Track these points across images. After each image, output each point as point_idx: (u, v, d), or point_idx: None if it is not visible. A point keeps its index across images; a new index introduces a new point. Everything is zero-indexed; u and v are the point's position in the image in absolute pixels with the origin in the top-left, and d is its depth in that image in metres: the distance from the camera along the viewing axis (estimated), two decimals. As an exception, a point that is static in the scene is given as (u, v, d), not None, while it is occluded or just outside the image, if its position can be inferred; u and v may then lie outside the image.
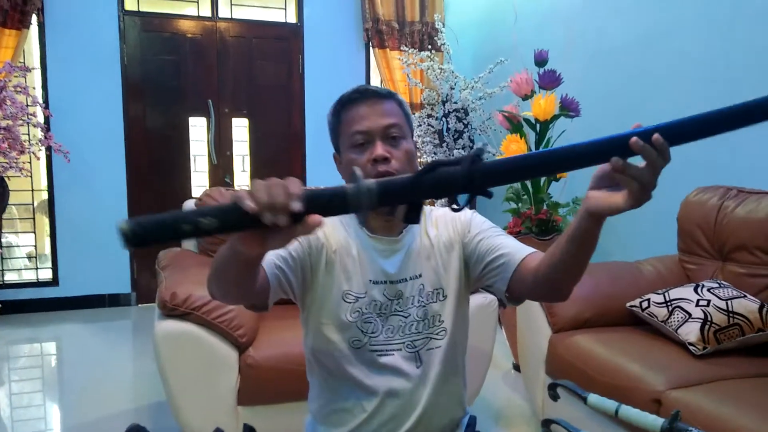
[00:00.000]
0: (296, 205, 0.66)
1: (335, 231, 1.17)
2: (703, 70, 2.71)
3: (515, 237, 3.12)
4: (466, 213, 1.22)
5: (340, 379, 1.15)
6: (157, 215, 0.66)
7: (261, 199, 0.65)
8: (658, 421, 0.92)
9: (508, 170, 0.73)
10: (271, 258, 1.07)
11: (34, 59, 4.24)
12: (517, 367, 2.91)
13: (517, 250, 1.11)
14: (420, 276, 1.15)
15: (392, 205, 0.79)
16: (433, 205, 2.38)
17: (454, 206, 0.75)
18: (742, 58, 2.52)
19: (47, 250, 4.43)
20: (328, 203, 0.68)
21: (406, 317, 1.14)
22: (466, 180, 0.69)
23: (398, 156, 1.10)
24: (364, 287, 1.13)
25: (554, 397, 1.10)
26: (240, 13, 4.73)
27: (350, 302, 1.13)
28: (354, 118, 1.12)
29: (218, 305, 1.95)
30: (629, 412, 0.96)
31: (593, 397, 1.00)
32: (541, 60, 3.05)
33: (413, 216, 0.76)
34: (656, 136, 0.72)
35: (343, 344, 1.13)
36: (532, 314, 2.25)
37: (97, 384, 2.96)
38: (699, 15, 2.73)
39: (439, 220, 1.21)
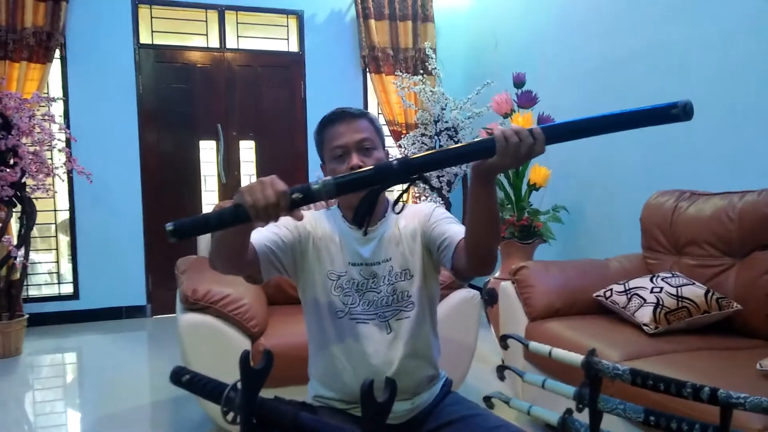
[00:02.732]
0: (283, 203, 0.95)
1: (321, 223, 1.44)
2: (665, 90, 3.02)
3: (500, 242, 3.38)
4: (429, 206, 1.46)
5: (328, 344, 1.39)
6: (188, 218, 1.00)
7: (258, 203, 0.95)
8: (579, 357, 1.15)
9: (427, 161, 1.00)
10: (262, 240, 1.32)
11: (56, 90, 4.56)
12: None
13: (457, 232, 1.31)
14: (390, 259, 1.39)
15: (348, 193, 1.05)
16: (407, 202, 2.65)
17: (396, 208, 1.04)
18: (703, 81, 2.83)
19: (68, 266, 4.70)
20: (306, 192, 0.97)
21: (378, 293, 1.38)
22: (401, 167, 0.98)
23: (370, 164, 1.32)
24: (345, 268, 1.39)
25: (504, 346, 1.36)
26: (246, 44, 5.03)
27: (333, 280, 1.38)
28: (333, 135, 1.37)
29: (234, 299, 2.23)
30: (558, 353, 1.22)
31: (532, 344, 1.26)
32: (519, 82, 3.36)
33: (364, 208, 1.06)
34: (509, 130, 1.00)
35: (328, 314, 1.38)
36: (511, 306, 2.52)
37: (116, 386, 3.15)
38: (661, 41, 3.05)
39: (409, 214, 1.46)
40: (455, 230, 1.33)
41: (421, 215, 1.44)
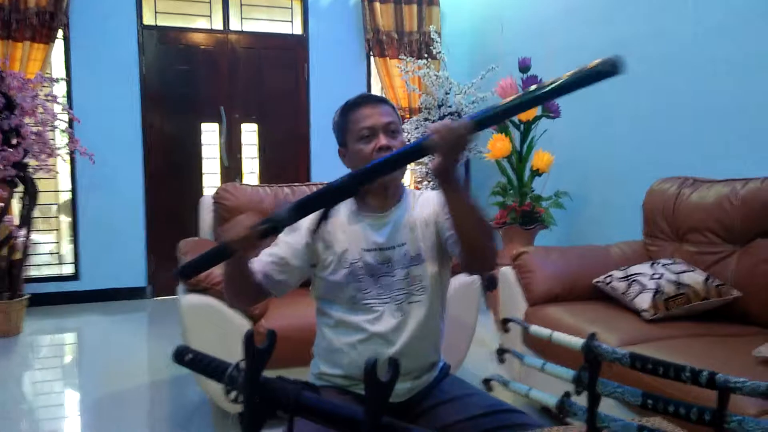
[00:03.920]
0: (253, 235, 1.14)
1: (331, 213, 1.44)
2: (670, 74, 3.01)
3: (502, 227, 3.42)
4: (442, 196, 1.49)
5: (337, 324, 1.41)
6: (190, 260, 1.26)
7: (234, 239, 1.18)
8: (580, 341, 1.15)
9: (375, 168, 1.11)
10: (261, 269, 1.40)
11: (59, 71, 4.55)
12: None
13: None
14: (404, 244, 1.41)
15: (305, 215, 1.18)
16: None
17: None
18: (706, 62, 2.82)
19: (69, 246, 4.72)
20: (270, 223, 1.12)
21: (393, 277, 1.39)
22: (351, 181, 1.09)
23: (397, 146, 1.38)
24: (359, 254, 1.40)
25: (505, 330, 1.37)
26: (249, 26, 5.01)
27: (346, 267, 1.40)
28: (359, 117, 1.40)
29: (235, 281, 2.24)
30: (559, 336, 1.22)
31: (533, 328, 1.27)
32: (524, 66, 3.35)
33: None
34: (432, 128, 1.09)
35: (339, 297, 1.41)
36: (511, 291, 2.53)
37: (116, 366, 3.16)
38: (666, 26, 3.03)
39: (424, 201, 1.47)
40: None
41: (435, 203, 1.45)
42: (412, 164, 4.54)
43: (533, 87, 1.00)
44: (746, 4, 2.61)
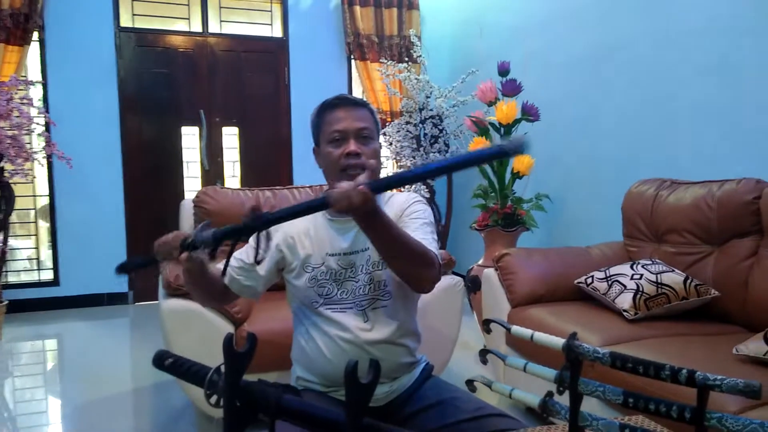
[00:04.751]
0: (176, 254, 1.17)
1: (296, 221, 1.43)
2: (648, 77, 3.05)
3: (484, 230, 3.42)
4: (409, 198, 1.47)
5: (307, 331, 1.41)
6: (132, 258, 1.30)
7: (157, 248, 1.20)
8: (560, 341, 1.16)
9: (281, 215, 1.10)
10: (231, 274, 1.42)
11: (35, 74, 4.47)
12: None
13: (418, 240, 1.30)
14: (367, 249, 1.39)
15: (222, 243, 1.15)
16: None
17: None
18: (684, 65, 2.86)
19: (48, 252, 4.65)
20: (188, 243, 1.15)
21: (356, 282, 1.38)
22: (259, 221, 1.08)
23: (368, 153, 1.37)
24: (322, 259, 1.40)
25: (487, 330, 1.37)
26: (229, 29, 4.98)
27: (309, 272, 1.40)
28: (333, 119, 1.38)
29: (216, 285, 2.22)
30: (540, 336, 1.23)
31: (515, 328, 1.28)
32: (503, 70, 3.37)
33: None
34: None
35: (306, 303, 1.41)
36: (494, 293, 2.54)
37: (97, 373, 3.12)
38: (643, 29, 3.07)
39: (391, 204, 1.46)
40: (418, 237, 1.31)
41: (401, 205, 1.45)
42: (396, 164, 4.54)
43: (434, 164, 1.04)
44: (725, 8, 2.65)
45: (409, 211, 1.43)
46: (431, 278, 1.30)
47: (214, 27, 4.92)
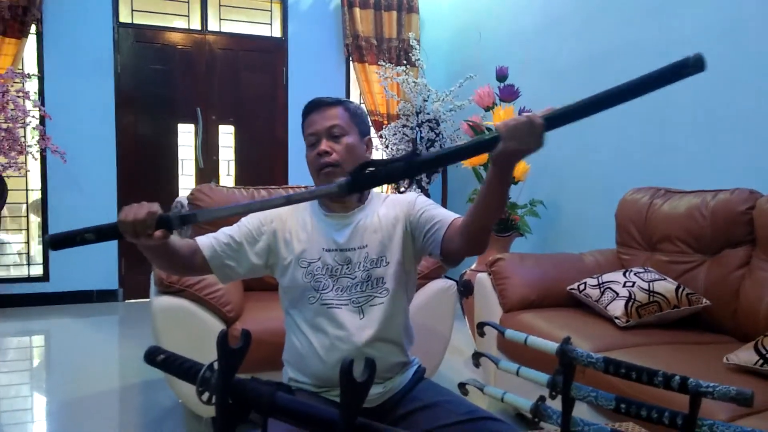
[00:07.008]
0: (149, 221, 1.09)
1: (294, 213, 1.47)
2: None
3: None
4: (411, 195, 1.49)
5: (300, 328, 1.41)
6: (66, 231, 1.13)
7: (127, 218, 1.10)
8: (554, 345, 1.16)
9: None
10: (212, 245, 1.39)
11: (31, 67, 4.44)
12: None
13: (447, 216, 1.36)
14: (365, 246, 1.41)
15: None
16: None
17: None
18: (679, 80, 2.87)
19: (38, 247, 4.61)
20: (165, 220, 1.10)
21: (353, 279, 1.39)
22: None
23: (338, 149, 1.40)
24: (318, 254, 1.40)
25: (481, 333, 1.37)
26: (228, 27, 4.98)
27: (304, 267, 1.40)
28: (308, 124, 1.44)
29: (209, 284, 2.21)
30: (534, 340, 1.23)
31: (509, 332, 1.28)
32: (501, 75, 3.38)
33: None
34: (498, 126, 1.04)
35: (300, 299, 1.41)
36: (487, 297, 2.55)
37: (85, 370, 3.09)
38: (638, 39, 3.09)
39: (389, 202, 1.48)
40: (444, 214, 1.37)
41: (403, 204, 1.46)
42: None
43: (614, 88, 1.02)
44: (716, 19, 2.67)
45: (420, 204, 1.44)
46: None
47: (213, 25, 4.91)
